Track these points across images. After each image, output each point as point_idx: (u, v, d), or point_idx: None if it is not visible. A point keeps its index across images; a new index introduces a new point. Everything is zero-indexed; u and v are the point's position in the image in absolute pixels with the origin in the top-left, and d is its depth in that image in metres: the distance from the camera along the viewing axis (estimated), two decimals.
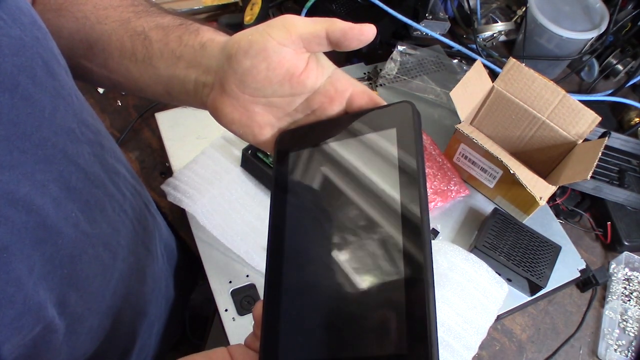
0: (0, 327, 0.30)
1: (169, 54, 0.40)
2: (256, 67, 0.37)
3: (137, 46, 0.41)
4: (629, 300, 0.71)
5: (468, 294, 0.55)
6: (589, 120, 0.68)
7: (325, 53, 0.40)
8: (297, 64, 0.38)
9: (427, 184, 0.71)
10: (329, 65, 0.41)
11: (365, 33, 0.37)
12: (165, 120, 0.74)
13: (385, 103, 0.41)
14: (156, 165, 0.75)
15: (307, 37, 0.38)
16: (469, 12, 0.93)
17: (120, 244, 0.43)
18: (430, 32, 0.87)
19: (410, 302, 0.27)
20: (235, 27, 0.86)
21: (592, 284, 0.71)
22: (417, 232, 0.29)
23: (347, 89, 0.41)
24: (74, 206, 0.35)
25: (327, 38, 0.38)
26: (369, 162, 0.34)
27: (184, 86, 0.41)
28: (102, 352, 0.45)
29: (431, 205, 0.69)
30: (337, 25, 0.37)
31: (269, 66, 0.37)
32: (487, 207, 0.73)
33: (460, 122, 0.68)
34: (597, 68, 0.93)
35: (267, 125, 0.40)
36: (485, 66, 0.76)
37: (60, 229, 0.34)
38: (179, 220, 0.70)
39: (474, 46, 0.90)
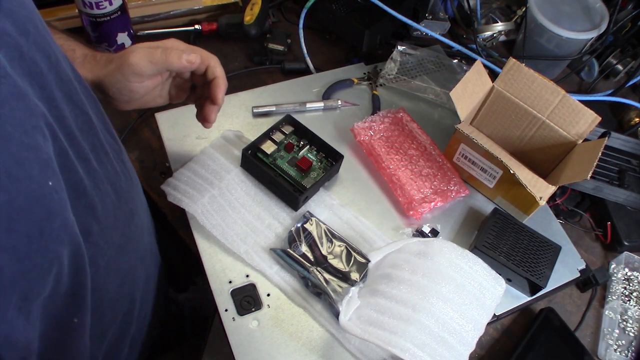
0: (50, 234, 0.33)
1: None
2: (123, 91, 0.57)
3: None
4: (629, 300, 0.71)
5: (464, 291, 0.55)
6: (589, 120, 0.68)
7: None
8: (155, 82, 0.59)
9: (427, 183, 0.71)
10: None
11: (188, 63, 0.56)
12: (165, 120, 0.74)
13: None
14: (156, 165, 0.75)
15: (156, 70, 0.56)
16: (469, 12, 0.93)
17: (122, 187, 0.46)
18: (430, 32, 0.87)
19: None
20: (235, 27, 0.86)
21: (592, 284, 0.71)
22: None
23: (204, 63, 0.58)
24: (85, 144, 0.39)
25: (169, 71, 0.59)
26: None
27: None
28: (115, 299, 0.49)
29: (431, 205, 0.69)
30: (172, 62, 0.55)
31: (132, 89, 0.56)
32: (487, 207, 0.73)
33: (460, 122, 0.68)
34: (597, 68, 0.93)
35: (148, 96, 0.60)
36: (485, 66, 0.76)
37: (75, 161, 0.37)
38: (178, 221, 0.70)
39: (474, 46, 0.90)
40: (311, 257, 0.63)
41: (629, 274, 0.73)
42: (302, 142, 0.71)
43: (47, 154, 0.33)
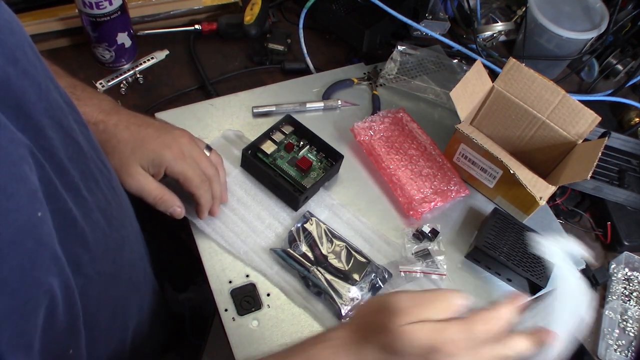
0: (41, 265, 0.33)
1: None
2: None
3: None
4: (629, 300, 0.71)
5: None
6: (589, 120, 0.68)
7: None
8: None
9: (427, 183, 0.71)
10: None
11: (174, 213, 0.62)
12: (166, 120, 0.74)
13: None
14: None
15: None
16: (469, 12, 0.93)
17: (113, 214, 0.46)
18: (430, 32, 0.87)
19: None
20: (235, 27, 0.86)
21: (592, 284, 0.71)
22: None
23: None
24: (74, 173, 0.38)
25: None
26: None
27: None
28: (108, 325, 0.48)
29: (431, 205, 0.69)
30: (159, 204, 0.60)
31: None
32: (487, 207, 0.73)
33: (460, 122, 0.68)
34: (597, 68, 0.93)
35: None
36: (485, 66, 0.76)
37: (63, 191, 0.36)
38: (178, 221, 0.70)
39: (474, 46, 0.90)
40: (311, 257, 0.63)
41: (629, 274, 0.73)
42: (302, 142, 0.71)
43: (33, 184, 0.32)
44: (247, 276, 0.62)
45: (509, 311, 0.43)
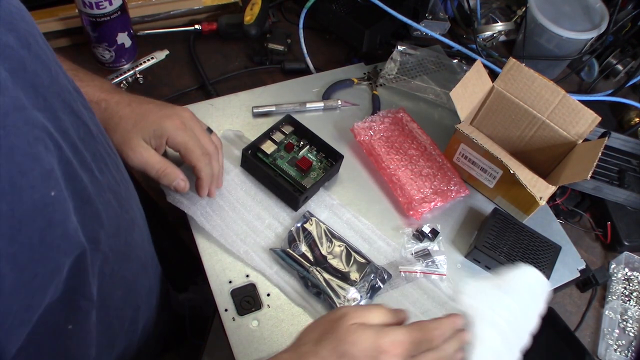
0: (51, 244, 0.33)
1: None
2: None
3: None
4: (629, 300, 0.71)
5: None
6: (589, 120, 0.68)
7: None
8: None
9: (427, 183, 0.71)
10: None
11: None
12: None
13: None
14: None
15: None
16: (469, 12, 0.93)
17: (122, 195, 0.46)
18: (430, 32, 0.87)
19: None
20: (235, 27, 0.86)
21: (592, 284, 0.71)
22: None
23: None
24: (87, 154, 0.39)
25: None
26: None
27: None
28: (120, 307, 0.49)
29: (431, 205, 0.69)
30: (161, 179, 0.60)
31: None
32: (487, 207, 0.73)
33: (460, 122, 0.68)
34: (597, 68, 0.93)
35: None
36: (485, 66, 0.76)
37: (79, 171, 0.37)
38: (179, 221, 0.70)
39: (474, 46, 0.90)
40: (311, 257, 0.63)
41: (629, 274, 0.73)
42: (302, 142, 0.71)
43: (49, 164, 0.33)
44: (247, 276, 0.62)
45: (450, 325, 0.46)
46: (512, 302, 0.49)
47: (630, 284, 0.72)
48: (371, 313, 0.45)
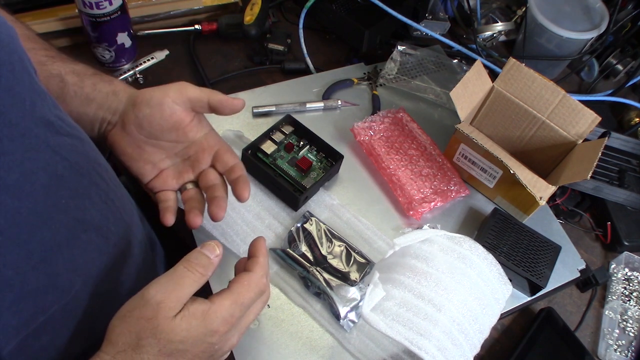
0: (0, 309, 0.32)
1: (83, 96, 0.51)
2: (153, 115, 0.51)
3: (51, 86, 0.50)
4: (629, 300, 0.71)
5: (481, 293, 0.53)
6: (589, 120, 0.68)
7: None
8: (184, 118, 0.53)
9: (427, 183, 0.71)
10: (207, 125, 0.57)
11: (235, 106, 0.54)
12: None
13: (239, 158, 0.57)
14: None
15: (194, 100, 0.53)
16: (469, 12, 0.93)
17: (111, 230, 0.45)
18: (430, 32, 0.87)
19: None
20: (235, 27, 0.86)
21: (592, 284, 0.71)
22: None
23: (216, 145, 0.56)
24: (64, 193, 0.37)
25: (208, 104, 0.53)
26: None
27: (90, 122, 0.53)
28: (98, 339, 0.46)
29: (431, 205, 0.69)
30: (216, 96, 0.53)
31: (162, 116, 0.52)
32: (487, 207, 0.73)
33: (460, 122, 0.68)
34: (597, 68, 0.93)
35: (151, 163, 0.54)
36: (485, 66, 0.76)
37: (52, 215, 0.36)
38: (178, 221, 0.70)
39: (474, 46, 0.90)
40: (311, 257, 0.63)
41: (629, 274, 0.73)
42: (302, 142, 0.71)
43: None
44: None
45: (265, 266, 0.48)
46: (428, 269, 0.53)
47: (630, 284, 0.72)
48: (183, 288, 0.41)
